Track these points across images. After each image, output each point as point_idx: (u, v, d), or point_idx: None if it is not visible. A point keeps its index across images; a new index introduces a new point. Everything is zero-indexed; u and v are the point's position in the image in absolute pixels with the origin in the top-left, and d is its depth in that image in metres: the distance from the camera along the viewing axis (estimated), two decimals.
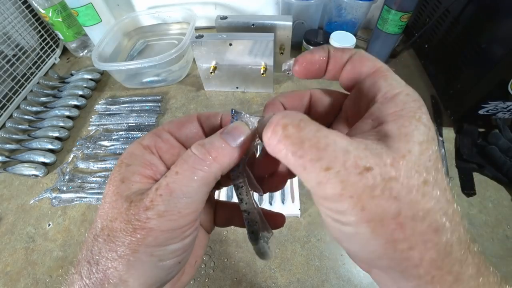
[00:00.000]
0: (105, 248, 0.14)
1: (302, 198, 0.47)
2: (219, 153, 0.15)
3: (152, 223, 0.14)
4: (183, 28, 0.78)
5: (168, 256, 0.15)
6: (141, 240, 0.14)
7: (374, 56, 0.17)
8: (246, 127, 0.17)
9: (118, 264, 0.14)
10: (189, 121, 0.19)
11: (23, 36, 0.68)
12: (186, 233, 0.15)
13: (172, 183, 0.15)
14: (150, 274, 0.14)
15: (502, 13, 0.45)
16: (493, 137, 0.51)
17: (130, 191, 0.15)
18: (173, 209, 0.14)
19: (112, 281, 0.14)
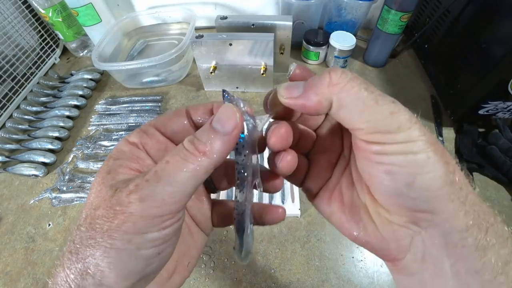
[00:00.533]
0: (85, 236, 0.14)
1: (302, 198, 0.47)
2: (208, 148, 0.15)
3: (132, 207, 0.14)
4: (183, 28, 0.78)
5: (146, 245, 0.14)
6: (119, 225, 0.14)
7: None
8: (233, 109, 0.16)
9: (95, 252, 0.14)
10: (176, 116, 0.19)
11: (23, 36, 0.68)
12: (166, 223, 0.15)
13: (161, 170, 0.14)
14: (127, 264, 0.14)
15: (502, 13, 0.45)
16: (493, 137, 0.51)
17: (115, 180, 0.15)
18: (157, 196, 0.14)
19: (90, 271, 0.14)
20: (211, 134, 0.15)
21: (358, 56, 0.73)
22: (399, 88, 0.65)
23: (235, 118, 0.15)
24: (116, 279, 0.14)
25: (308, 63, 0.71)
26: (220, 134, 0.15)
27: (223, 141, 0.15)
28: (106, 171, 0.16)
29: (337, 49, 0.64)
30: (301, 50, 0.71)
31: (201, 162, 0.14)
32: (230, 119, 0.15)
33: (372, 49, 0.68)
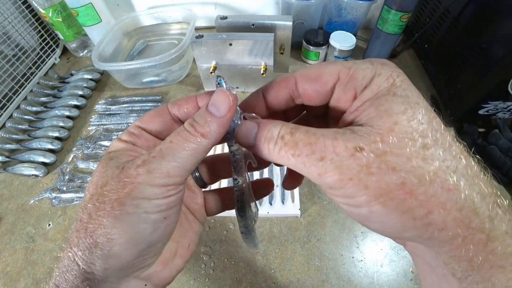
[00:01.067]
0: (94, 211, 0.15)
1: (302, 198, 0.47)
2: (206, 129, 0.16)
3: (141, 178, 0.15)
4: (183, 28, 0.78)
5: (153, 209, 0.15)
6: (129, 193, 0.15)
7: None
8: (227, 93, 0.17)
9: (105, 221, 0.14)
10: (158, 115, 0.19)
11: (23, 36, 0.68)
12: (171, 191, 0.16)
13: (165, 149, 0.16)
14: (136, 227, 0.15)
15: (502, 13, 0.45)
16: (493, 137, 0.51)
17: (119, 162, 0.16)
18: (163, 169, 0.15)
19: (99, 242, 0.14)
20: (207, 117, 0.16)
21: (358, 56, 0.73)
22: None
23: (229, 102, 0.16)
24: (125, 246, 0.15)
25: (308, 63, 0.71)
26: (216, 117, 0.16)
27: (219, 123, 0.16)
28: (108, 159, 0.17)
29: (337, 49, 0.64)
30: (301, 50, 0.71)
31: (200, 142, 0.16)
32: (224, 102, 0.16)
33: (372, 49, 0.68)
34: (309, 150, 0.14)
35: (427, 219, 0.12)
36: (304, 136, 0.14)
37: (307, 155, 0.14)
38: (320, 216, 0.46)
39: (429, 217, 0.12)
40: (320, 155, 0.13)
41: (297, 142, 0.14)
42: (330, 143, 0.13)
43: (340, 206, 0.15)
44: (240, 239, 0.44)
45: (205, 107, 0.17)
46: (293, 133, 0.15)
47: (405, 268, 0.40)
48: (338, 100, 0.17)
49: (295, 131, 0.15)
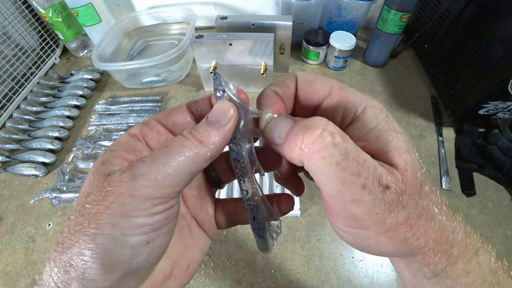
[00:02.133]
0: (73, 224, 0.13)
1: (302, 198, 0.47)
2: (205, 138, 0.15)
3: (123, 186, 0.13)
4: (183, 28, 0.78)
5: (134, 231, 0.13)
6: (107, 207, 0.13)
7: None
8: (229, 106, 0.16)
9: (80, 239, 0.13)
10: (177, 109, 0.19)
11: (23, 36, 0.68)
12: (157, 207, 0.14)
13: (159, 152, 0.14)
14: (111, 252, 0.13)
15: (502, 13, 0.45)
16: (493, 137, 0.51)
17: (108, 170, 0.15)
18: (150, 175, 0.13)
19: (74, 262, 0.13)
20: (207, 126, 0.15)
21: (358, 56, 0.73)
22: (399, 88, 0.65)
23: (229, 113, 0.16)
24: (99, 271, 0.13)
25: (308, 63, 0.71)
26: (215, 127, 0.15)
27: (218, 133, 0.15)
28: (101, 162, 0.15)
29: (337, 49, 0.64)
30: (301, 50, 0.71)
31: (198, 149, 0.15)
32: (225, 113, 0.16)
33: (372, 49, 0.68)
34: (356, 169, 0.13)
35: (416, 243, 0.14)
36: (354, 149, 0.13)
37: (352, 173, 0.13)
38: (320, 216, 0.46)
39: (417, 242, 0.14)
40: (363, 181, 0.13)
41: (348, 151, 0.13)
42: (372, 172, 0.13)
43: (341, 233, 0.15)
44: (241, 240, 0.44)
45: (205, 119, 0.16)
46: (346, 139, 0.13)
47: None
48: (324, 114, 0.16)
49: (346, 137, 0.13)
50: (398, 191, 0.14)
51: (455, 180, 0.49)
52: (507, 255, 0.41)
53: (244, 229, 0.45)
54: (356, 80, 0.67)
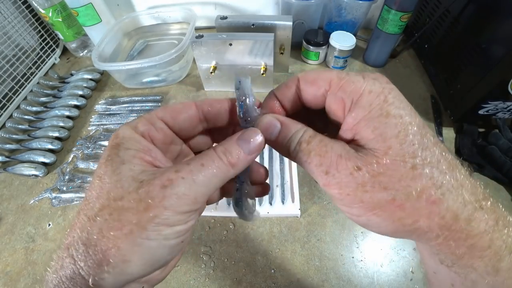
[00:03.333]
0: (106, 228, 0.14)
1: (302, 198, 0.47)
2: (236, 161, 0.17)
3: (168, 202, 0.14)
4: (183, 28, 0.78)
5: (173, 236, 0.15)
6: (152, 218, 0.14)
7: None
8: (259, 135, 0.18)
9: (121, 243, 0.14)
10: (185, 110, 0.19)
11: (23, 36, 0.68)
12: (192, 216, 0.16)
13: (196, 171, 0.15)
14: (154, 253, 0.15)
15: (502, 13, 0.45)
16: (493, 137, 0.51)
17: (133, 172, 0.15)
18: (192, 195, 0.15)
19: (112, 261, 0.14)
20: (238, 150, 0.17)
21: (358, 56, 0.73)
22: (399, 88, 0.64)
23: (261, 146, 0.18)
24: (141, 267, 0.15)
25: (308, 63, 0.71)
26: (246, 152, 0.17)
27: (246, 159, 0.17)
28: (120, 161, 0.16)
29: (337, 49, 0.64)
30: (301, 50, 0.71)
31: (228, 171, 0.17)
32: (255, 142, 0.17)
33: (372, 49, 0.68)
34: (318, 161, 0.16)
35: (415, 225, 0.14)
36: (317, 146, 0.16)
37: (315, 165, 0.16)
38: (320, 216, 0.46)
39: (416, 224, 0.14)
40: (325, 169, 0.15)
41: (310, 151, 0.16)
42: (335, 159, 0.15)
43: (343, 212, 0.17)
44: (241, 239, 0.44)
45: (235, 139, 0.17)
46: (309, 142, 0.16)
47: (405, 268, 0.40)
48: (329, 107, 0.18)
49: (311, 140, 0.16)
50: (371, 172, 0.14)
51: None
52: None
53: (244, 229, 0.45)
54: None
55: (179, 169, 0.15)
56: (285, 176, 0.49)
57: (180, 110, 0.19)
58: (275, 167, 0.50)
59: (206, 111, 0.19)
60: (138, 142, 0.17)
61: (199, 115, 0.19)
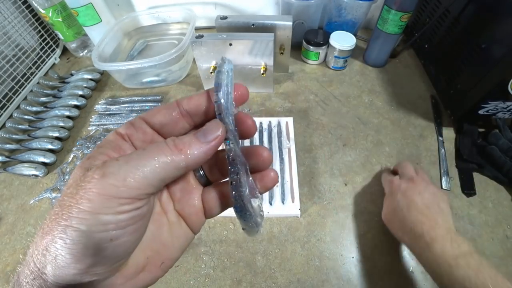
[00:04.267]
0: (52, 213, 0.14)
1: (302, 198, 0.47)
2: (185, 147, 0.16)
3: (92, 182, 0.14)
4: (183, 28, 0.78)
5: (98, 228, 0.14)
6: (77, 201, 0.14)
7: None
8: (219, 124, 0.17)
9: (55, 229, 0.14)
10: (166, 108, 0.19)
11: (23, 36, 0.68)
12: (123, 207, 0.14)
13: (135, 154, 0.15)
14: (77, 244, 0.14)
15: (502, 13, 0.45)
16: (493, 137, 0.51)
17: (90, 164, 0.15)
18: (120, 175, 0.14)
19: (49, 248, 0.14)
20: (192, 138, 0.16)
21: (358, 56, 0.73)
22: (399, 88, 0.65)
23: (217, 132, 0.17)
24: (68, 259, 0.14)
25: (308, 63, 0.71)
26: (200, 140, 0.16)
27: (200, 146, 0.16)
28: (87, 157, 0.16)
29: (337, 49, 0.64)
30: (301, 50, 0.71)
31: (174, 157, 0.15)
32: (213, 132, 0.17)
33: (372, 49, 0.68)
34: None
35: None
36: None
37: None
38: (320, 216, 0.46)
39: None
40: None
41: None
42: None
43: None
44: (241, 240, 0.44)
45: (193, 133, 0.17)
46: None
47: (405, 268, 0.40)
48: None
49: None
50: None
51: (455, 180, 0.49)
52: (507, 255, 0.41)
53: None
54: (356, 80, 0.67)
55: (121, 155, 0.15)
56: (285, 176, 0.49)
57: (160, 108, 0.19)
58: (275, 167, 0.50)
59: (185, 104, 0.19)
60: (113, 141, 0.17)
61: (180, 110, 0.19)
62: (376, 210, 0.46)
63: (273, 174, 0.20)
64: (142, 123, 0.18)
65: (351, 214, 0.46)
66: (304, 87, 0.66)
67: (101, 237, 0.14)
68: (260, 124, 0.57)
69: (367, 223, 0.45)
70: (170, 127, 0.19)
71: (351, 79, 0.68)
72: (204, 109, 0.19)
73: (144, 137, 0.18)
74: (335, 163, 0.52)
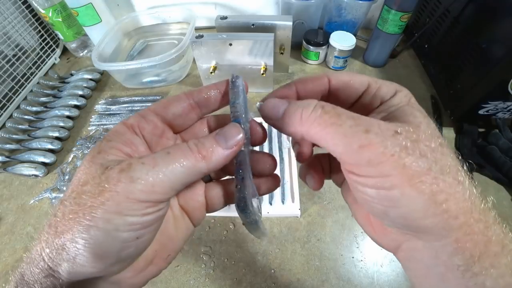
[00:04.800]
0: (68, 211, 0.14)
1: (302, 198, 0.47)
2: (209, 153, 0.16)
3: (120, 186, 0.14)
4: (183, 28, 0.78)
5: (125, 228, 0.14)
6: (103, 203, 0.13)
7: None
8: (240, 130, 0.17)
9: (74, 227, 0.13)
10: (176, 100, 0.19)
11: (23, 36, 0.68)
12: (148, 209, 0.15)
13: (159, 158, 0.15)
14: (103, 244, 0.14)
15: (502, 13, 0.45)
16: (493, 137, 0.51)
17: (104, 160, 0.15)
18: (148, 181, 0.14)
19: (67, 246, 0.13)
20: (214, 142, 0.16)
21: (358, 56, 0.73)
22: None
23: (238, 137, 0.17)
24: (89, 259, 0.13)
25: (308, 63, 0.71)
26: (222, 146, 0.16)
27: (223, 154, 0.16)
28: (97, 151, 0.16)
29: (337, 49, 0.64)
30: (301, 50, 0.71)
31: (198, 163, 0.15)
32: (234, 137, 0.17)
33: (372, 49, 0.68)
34: (353, 122, 0.14)
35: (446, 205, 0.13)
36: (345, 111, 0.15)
37: (350, 126, 0.14)
38: (320, 216, 0.46)
39: (447, 204, 0.13)
40: (365, 128, 0.14)
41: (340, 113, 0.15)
42: (375, 120, 0.14)
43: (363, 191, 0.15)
44: (240, 240, 0.44)
45: (213, 134, 0.17)
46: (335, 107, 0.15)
47: None
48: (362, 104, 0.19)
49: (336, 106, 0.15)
50: (410, 138, 0.14)
51: None
52: None
53: (244, 229, 0.45)
54: None
55: (144, 156, 0.15)
56: (285, 176, 0.49)
57: (171, 101, 0.19)
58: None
59: (195, 96, 0.19)
60: (122, 134, 0.17)
61: (189, 102, 0.19)
62: None
63: (276, 178, 0.22)
64: (153, 116, 0.18)
65: (351, 214, 0.46)
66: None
67: (128, 236, 0.14)
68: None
69: None
70: (181, 120, 0.19)
71: None
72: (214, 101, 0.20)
73: (155, 131, 0.18)
74: None
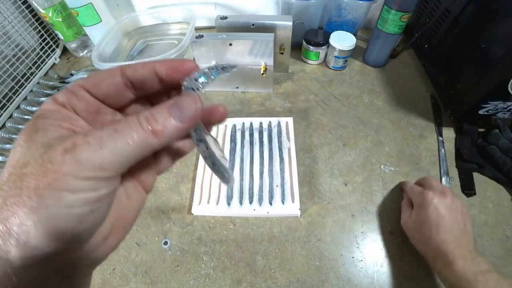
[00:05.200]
0: (8, 195, 0.13)
1: (302, 198, 0.47)
2: (162, 130, 0.15)
3: (66, 168, 0.13)
4: (183, 28, 0.78)
5: (78, 203, 0.13)
6: (49, 183, 0.13)
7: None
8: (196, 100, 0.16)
9: (19, 211, 0.13)
10: (108, 76, 0.17)
11: (23, 36, 0.68)
12: (103, 184, 0.14)
13: (106, 136, 0.14)
14: (57, 221, 0.13)
15: (502, 13, 0.45)
16: (493, 137, 0.51)
17: (45, 138, 0.14)
18: (95, 161, 0.13)
19: (13, 232, 0.13)
20: (167, 117, 0.15)
21: (358, 56, 0.73)
22: (399, 88, 0.65)
23: (196, 110, 0.16)
24: (43, 239, 0.13)
25: (308, 63, 0.71)
26: (176, 120, 0.15)
27: (177, 128, 0.15)
28: (33, 130, 0.14)
29: (337, 49, 0.64)
30: (301, 50, 0.71)
31: (149, 140, 0.15)
32: (190, 109, 0.15)
33: (372, 49, 0.68)
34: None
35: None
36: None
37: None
38: (320, 216, 0.46)
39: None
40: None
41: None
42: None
43: None
44: (241, 240, 0.44)
45: (166, 106, 0.15)
46: None
47: None
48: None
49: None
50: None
51: (455, 180, 0.49)
52: (507, 255, 0.41)
53: (244, 229, 0.45)
54: (356, 80, 0.67)
55: (89, 133, 0.14)
56: (285, 176, 0.49)
57: (103, 76, 0.17)
58: (275, 167, 0.50)
59: (130, 76, 0.18)
60: (58, 111, 0.16)
61: (124, 81, 0.18)
62: (376, 210, 0.46)
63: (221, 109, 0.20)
64: (84, 92, 0.17)
65: (351, 214, 0.46)
66: (304, 87, 0.66)
67: (81, 211, 0.14)
68: (260, 124, 0.57)
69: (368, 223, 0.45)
70: (116, 99, 0.18)
71: (351, 79, 0.68)
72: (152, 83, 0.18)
73: (89, 108, 0.17)
74: (335, 163, 0.52)
